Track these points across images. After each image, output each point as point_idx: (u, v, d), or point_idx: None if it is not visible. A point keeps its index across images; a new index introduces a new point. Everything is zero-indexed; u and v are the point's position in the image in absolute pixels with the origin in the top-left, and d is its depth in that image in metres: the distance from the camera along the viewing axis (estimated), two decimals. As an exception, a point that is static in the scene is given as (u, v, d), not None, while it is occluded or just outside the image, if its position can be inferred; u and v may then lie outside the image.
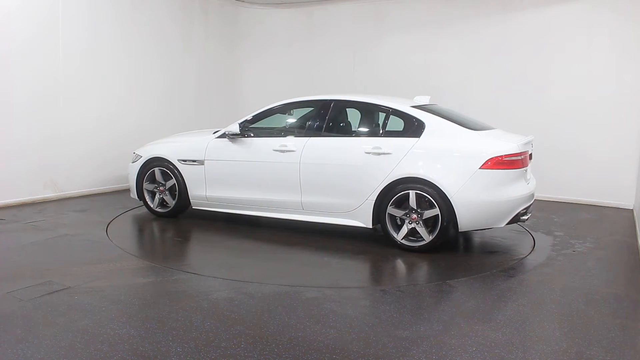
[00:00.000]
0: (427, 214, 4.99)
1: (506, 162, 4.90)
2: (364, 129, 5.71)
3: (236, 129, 5.85)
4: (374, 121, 5.75)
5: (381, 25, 9.08)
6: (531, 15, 7.97)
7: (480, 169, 4.86)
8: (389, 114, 5.45)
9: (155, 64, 8.52)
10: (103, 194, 7.77)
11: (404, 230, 5.09)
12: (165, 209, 6.32)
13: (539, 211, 6.85)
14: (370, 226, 5.28)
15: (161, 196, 6.32)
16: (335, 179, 5.36)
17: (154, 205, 6.37)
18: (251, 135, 5.86)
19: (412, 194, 5.01)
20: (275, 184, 5.65)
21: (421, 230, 5.02)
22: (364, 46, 9.23)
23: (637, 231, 6.09)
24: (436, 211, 4.93)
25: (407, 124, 5.31)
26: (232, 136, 5.90)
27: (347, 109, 5.94)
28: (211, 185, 6.00)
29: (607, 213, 7.26)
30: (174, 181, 6.18)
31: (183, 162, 6.12)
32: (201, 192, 6.06)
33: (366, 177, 5.21)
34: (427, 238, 5.00)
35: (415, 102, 5.64)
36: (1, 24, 6.47)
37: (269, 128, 6.10)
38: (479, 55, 8.35)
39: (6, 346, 3.05)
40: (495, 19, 8.22)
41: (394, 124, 5.41)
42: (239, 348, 3.10)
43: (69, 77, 7.26)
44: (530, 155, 5.37)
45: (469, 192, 4.87)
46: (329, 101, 5.72)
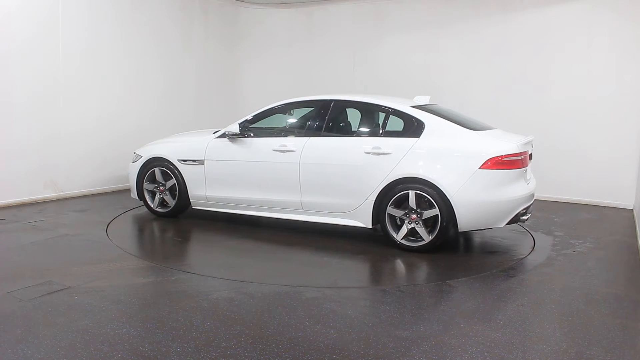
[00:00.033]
0: (427, 214, 4.99)
1: (506, 162, 4.90)
2: (364, 129, 5.71)
3: (236, 129, 5.86)
4: (374, 121, 5.75)
5: (381, 25, 9.08)
6: (531, 15, 7.97)
7: (480, 169, 4.86)
8: (388, 114, 5.45)
9: (155, 64, 8.52)
10: (103, 194, 7.77)
11: (404, 230, 5.09)
12: (165, 209, 6.33)
13: (539, 211, 6.85)
14: (370, 226, 5.28)
15: (161, 196, 6.32)
16: (335, 179, 5.36)
17: (154, 205, 6.37)
18: (251, 135, 5.87)
19: (411, 194, 5.01)
20: (275, 184, 5.65)
21: (421, 230, 5.02)
22: (364, 46, 9.23)
23: (637, 231, 6.09)
24: (436, 211, 4.93)
25: (406, 124, 5.31)
26: (232, 136, 5.90)
27: (347, 109, 5.94)
28: (211, 185, 6.00)
29: (607, 213, 7.26)
30: (174, 181, 6.19)
31: (183, 162, 6.12)
32: (201, 192, 6.07)
33: (366, 177, 5.21)
34: (427, 238, 5.00)
35: (415, 102, 5.64)
36: (1, 24, 6.47)
37: (268, 128, 6.10)
38: (479, 55, 8.35)
39: (6, 346, 3.06)
40: (495, 19, 8.23)
41: (394, 124, 5.41)
42: (239, 348, 3.10)
43: (69, 77, 7.26)
44: (530, 155, 5.37)
45: (468, 192, 4.86)
46: (328, 101, 5.72)
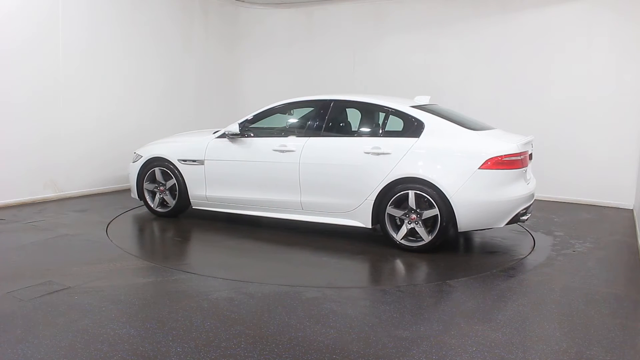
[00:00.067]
0: (427, 214, 4.98)
1: (506, 162, 4.90)
2: (364, 129, 5.71)
3: (236, 129, 5.86)
4: (374, 121, 5.74)
5: (381, 25, 9.08)
6: (531, 15, 7.97)
7: (479, 169, 4.86)
8: (388, 114, 5.45)
9: (155, 64, 8.52)
10: (103, 194, 7.77)
11: (403, 230, 5.09)
12: (165, 209, 6.33)
13: (539, 211, 6.85)
14: (370, 226, 5.28)
15: (161, 196, 6.32)
16: (335, 179, 5.36)
17: (154, 205, 6.37)
18: (251, 135, 5.87)
19: (411, 194, 5.01)
20: (275, 184, 5.65)
21: (420, 230, 5.02)
22: (364, 46, 9.23)
23: (637, 231, 6.09)
24: (435, 211, 4.93)
25: (406, 124, 5.31)
26: (232, 136, 5.90)
27: (346, 109, 5.94)
28: (211, 185, 6.00)
29: (607, 213, 7.26)
30: (174, 181, 6.19)
31: (183, 162, 6.13)
32: (201, 192, 6.07)
33: (365, 177, 5.21)
34: (427, 238, 5.00)
35: (415, 102, 5.64)
36: (1, 24, 6.47)
37: (268, 128, 6.10)
38: (479, 55, 8.35)
39: (6, 346, 3.06)
40: (495, 19, 8.23)
41: (394, 124, 5.41)
42: (239, 348, 3.10)
43: (69, 77, 7.26)
44: (530, 155, 5.36)
45: (468, 192, 4.86)
46: (328, 101, 5.72)
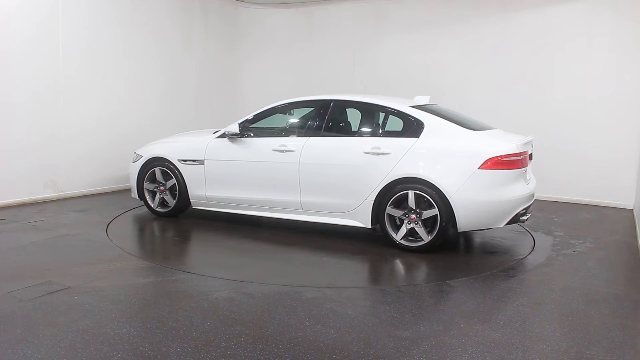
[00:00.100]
0: (426, 214, 4.98)
1: (505, 162, 4.90)
2: (364, 129, 5.71)
3: (236, 129, 5.86)
4: (374, 121, 5.75)
5: (381, 25, 9.08)
6: (531, 15, 7.97)
7: (479, 169, 4.86)
8: (388, 114, 5.45)
9: (155, 64, 8.52)
10: (103, 194, 7.77)
11: (403, 230, 5.09)
12: (165, 209, 6.33)
13: (539, 211, 6.85)
14: (369, 226, 5.28)
15: (161, 196, 6.32)
16: (335, 179, 5.36)
17: (155, 205, 6.37)
18: (251, 135, 5.87)
19: (411, 194, 5.01)
20: (275, 184, 5.65)
21: (420, 230, 5.02)
22: (364, 46, 9.23)
23: (637, 231, 6.09)
24: (435, 211, 4.93)
25: (406, 124, 5.31)
26: (231, 136, 5.90)
27: (346, 109, 5.95)
28: (211, 185, 6.00)
29: (607, 213, 7.26)
30: (174, 181, 6.19)
31: (183, 162, 6.13)
32: (201, 192, 6.07)
33: (365, 177, 5.21)
34: (426, 238, 5.00)
35: (415, 102, 5.64)
36: (1, 24, 6.47)
37: (268, 128, 6.10)
38: (479, 55, 8.35)
39: (6, 346, 3.06)
40: (495, 19, 8.23)
41: (393, 124, 5.41)
42: (239, 348, 3.10)
43: (69, 77, 7.26)
44: (530, 155, 5.36)
45: (468, 192, 4.86)
46: (328, 101, 5.72)
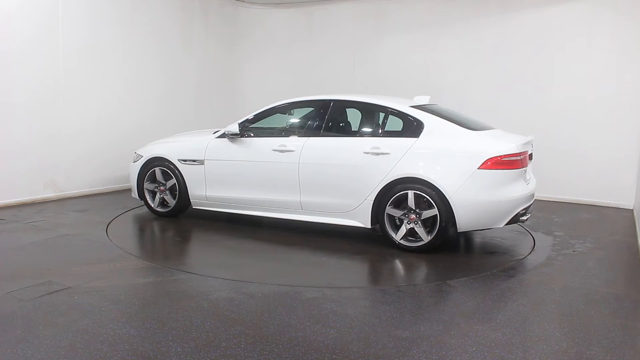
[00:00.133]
0: (426, 214, 4.98)
1: (505, 162, 4.90)
2: (363, 129, 5.72)
3: (236, 129, 5.86)
4: (373, 121, 5.75)
5: (381, 25, 9.08)
6: (531, 15, 7.97)
7: (479, 169, 4.86)
8: (388, 114, 5.45)
9: (155, 64, 8.52)
10: (103, 194, 7.77)
11: (403, 230, 5.09)
12: (165, 209, 6.33)
13: (539, 211, 6.85)
14: (369, 226, 5.28)
15: (162, 196, 6.33)
16: (334, 179, 5.36)
17: (155, 204, 6.37)
18: (251, 135, 5.87)
19: (410, 194, 5.01)
20: (275, 183, 5.65)
21: (420, 230, 5.02)
22: (364, 46, 9.23)
23: (637, 231, 6.09)
24: (435, 211, 4.93)
25: (405, 124, 5.31)
26: (231, 136, 5.90)
27: (346, 109, 5.95)
28: (211, 185, 6.01)
29: (607, 213, 7.26)
30: (175, 181, 6.19)
31: (183, 162, 6.13)
32: (201, 192, 6.07)
33: (365, 177, 5.21)
34: (426, 238, 5.00)
35: (414, 102, 5.64)
36: (1, 24, 6.47)
37: (268, 128, 6.10)
38: (479, 55, 8.35)
39: (6, 346, 3.06)
40: (495, 19, 8.23)
41: (393, 124, 5.41)
42: (239, 348, 3.10)
43: (69, 77, 7.26)
44: (530, 155, 5.36)
45: (467, 193, 4.86)
46: (328, 101, 5.72)
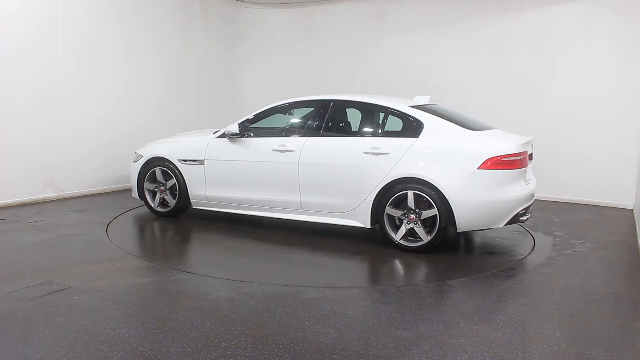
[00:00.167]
0: (426, 214, 4.98)
1: (505, 162, 4.90)
2: (363, 129, 5.72)
3: (235, 129, 5.86)
4: (373, 121, 5.75)
5: (381, 25, 9.08)
6: (531, 15, 7.97)
7: (478, 169, 4.86)
8: (387, 114, 5.45)
9: (155, 64, 8.52)
10: (103, 194, 7.77)
11: (402, 230, 5.09)
12: (165, 209, 6.33)
13: (539, 211, 6.85)
14: (369, 226, 5.28)
15: (162, 196, 6.33)
16: (334, 179, 5.36)
17: (155, 204, 6.37)
18: (251, 135, 5.87)
19: (410, 194, 5.01)
20: (274, 183, 5.65)
21: (419, 230, 5.02)
22: (364, 46, 9.23)
23: (637, 231, 6.09)
24: (434, 211, 4.93)
25: (405, 124, 5.31)
26: (231, 136, 5.90)
27: (346, 109, 5.95)
28: (211, 185, 6.01)
29: (607, 213, 7.26)
30: (175, 181, 6.19)
31: (183, 162, 6.13)
32: (201, 191, 6.07)
33: (365, 177, 5.21)
34: (426, 238, 5.00)
35: (414, 102, 5.64)
36: (1, 24, 6.47)
37: (268, 128, 6.10)
38: (479, 55, 8.35)
39: (6, 346, 3.06)
40: (495, 19, 8.23)
41: (393, 124, 5.41)
42: (239, 348, 3.10)
43: (69, 77, 7.26)
44: (530, 155, 5.36)
45: (467, 193, 4.86)
46: (328, 101, 5.72)
